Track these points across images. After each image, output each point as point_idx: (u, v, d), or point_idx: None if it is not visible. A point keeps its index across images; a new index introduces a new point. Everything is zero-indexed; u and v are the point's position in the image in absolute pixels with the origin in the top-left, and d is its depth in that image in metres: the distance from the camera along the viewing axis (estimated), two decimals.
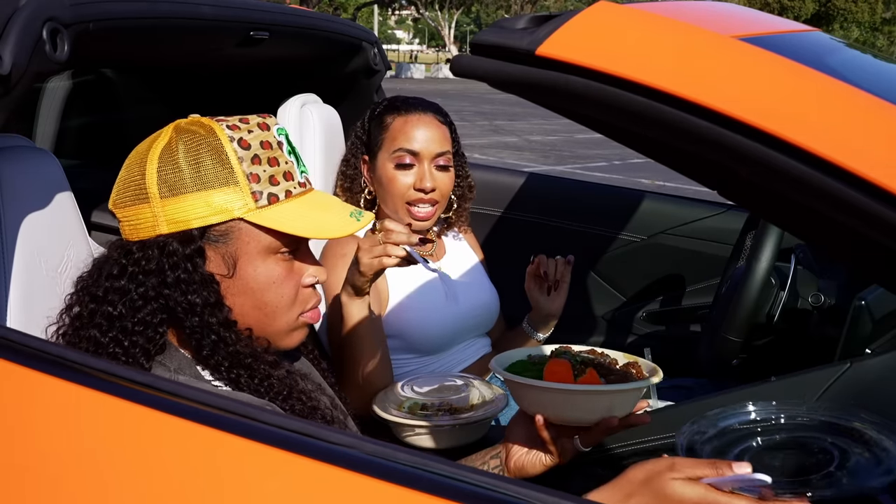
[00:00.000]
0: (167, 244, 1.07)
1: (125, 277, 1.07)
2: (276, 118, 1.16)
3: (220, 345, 1.08)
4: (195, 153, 1.07)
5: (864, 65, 1.13)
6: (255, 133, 1.10)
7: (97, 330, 1.07)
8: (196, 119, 1.12)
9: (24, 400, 0.95)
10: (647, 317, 2.45)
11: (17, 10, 1.13)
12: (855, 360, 1.40)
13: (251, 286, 1.12)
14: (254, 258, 1.11)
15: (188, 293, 1.07)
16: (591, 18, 0.87)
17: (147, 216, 1.08)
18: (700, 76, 0.82)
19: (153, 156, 1.08)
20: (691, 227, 2.39)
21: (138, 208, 1.08)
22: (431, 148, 1.84)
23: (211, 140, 1.08)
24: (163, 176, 1.07)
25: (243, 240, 1.10)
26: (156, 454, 0.90)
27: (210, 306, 1.08)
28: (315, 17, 2.05)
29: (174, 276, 1.06)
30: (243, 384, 1.10)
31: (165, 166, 1.07)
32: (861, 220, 0.75)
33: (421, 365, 1.86)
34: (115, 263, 1.09)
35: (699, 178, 0.99)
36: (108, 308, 1.07)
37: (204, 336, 1.08)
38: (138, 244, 1.08)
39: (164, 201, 1.07)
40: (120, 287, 1.07)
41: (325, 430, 0.89)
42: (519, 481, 0.83)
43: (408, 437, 1.54)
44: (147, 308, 1.07)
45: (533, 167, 10.06)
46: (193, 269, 1.07)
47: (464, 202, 2.01)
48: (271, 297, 1.13)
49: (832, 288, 1.86)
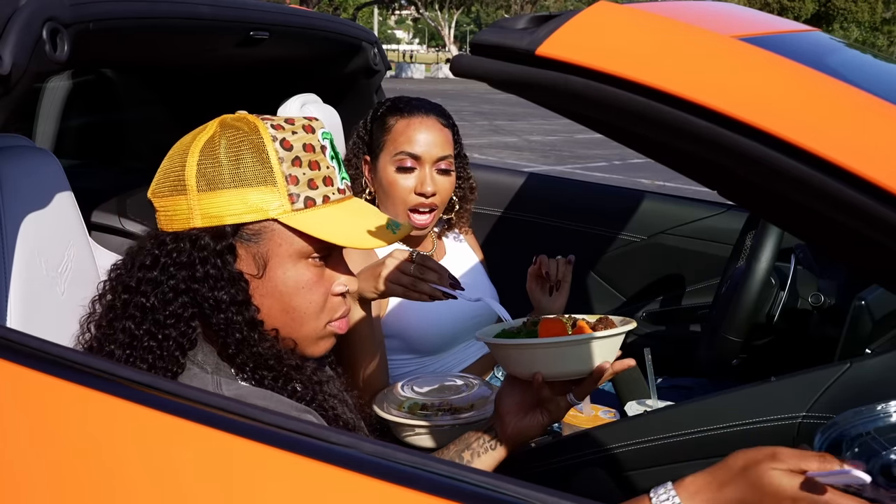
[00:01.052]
0: (199, 238, 1.07)
1: (157, 268, 1.07)
2: (322, 122, 1.16)
3: (244, 344, 1.08)
4: (236, 149, 1.07)
5: (864, 65, 1.13)
6: (300, 135, 1.10)
7: (131, 321, 1.07)
8: (242, 115, 1.12)
9: (24, 400, 0.95)
10: (647, 317, 2.45)
11: (17, 10, 1.13)
12: (855, 360, 1.40)
13: (280, 289, 1.10)
14: (284, 261, 1.10)
15: (216, 289, 1.07)
16: (591, 18, 0.87)
17: (183, 208, 1.08)
18: (700, 76, 0.82)
19: (195, 148, 1.08)
20: (691, 227, 2.39)
21: (175, 199, 1.08)
22: (433, 152, 1.83)
23: (253, 138, 1.08)
24: (202, 169, 1.07)
25: (275, 241, 1.09)
26: (156, 454, 0.90)
27: (237, 304, 1.07)
28: (315, 17, 2.05)
29: (203, 271, 1.07)
30: (266, 387, 1.10)
31: (206, 160, 1.07)
32: (861, 221, 0.75)
33: (421, 365, 1.86)
34: (147, 254, 1.09)
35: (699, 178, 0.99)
36: (142, 299, 1.07)
37: (229, 334, 1.08)
38: (172, 235, 1.08)
39: (200, 195, 1.07)
40: (152, 278, 1.07)
41: (325, 430, 0.89)
42: (519, 481, 0.83)
43: (408, 437, 1.54)
44: (178, 301, 1.07)
45: (533, 167, 10.06)
46: (223, 265, 1.07)
47: (465, 203, 2.01)
48: (299, 303, 1.11)
49: (832, 288, 1.86)
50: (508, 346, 1.24)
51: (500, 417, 1.29)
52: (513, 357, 1.26)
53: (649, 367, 1.76)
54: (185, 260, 1.07)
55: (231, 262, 1.07)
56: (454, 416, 1.52)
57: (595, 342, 1.21)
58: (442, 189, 1.85)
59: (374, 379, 1.66)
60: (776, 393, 1.42)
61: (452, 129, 1.92)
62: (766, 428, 1.39)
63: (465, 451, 1.30)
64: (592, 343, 1.21)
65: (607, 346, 1.22)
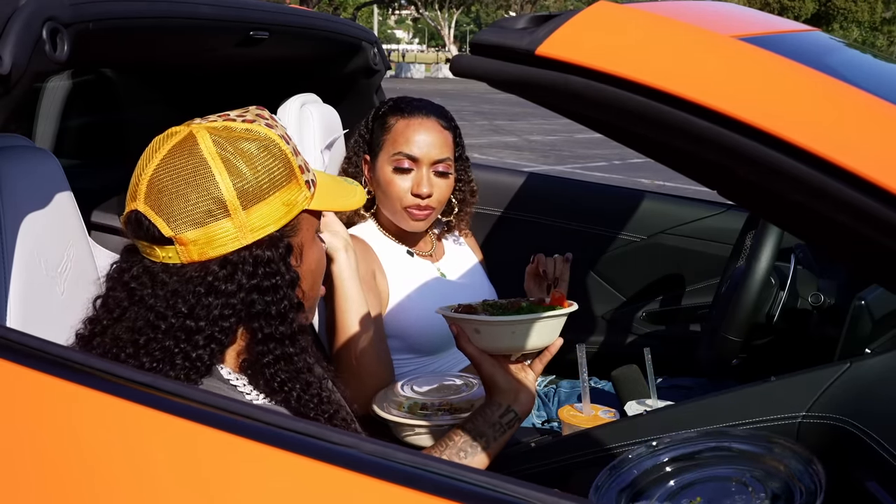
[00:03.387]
0: (259, 254, 1.06)
1: (213, 294, 1.05)
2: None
3: (287, 357, 1.10)
4: (262, 156, 1.07)
5: (864, 65, 1.13)
6: (280, 126, 1.13)
7: (171, 341, 1.05)
8: (222, 125, 1.09)
9: (24, 400, 0.95)
10: (647, 317, 2.45)
11: (17, 10, 1.13)
12: (855, 360, 1.40)
13: (312, 268, 1.16)
14: (310, 242, 1.15)
15: (284, 298, 1.08)
16: (591, 18, 0.87)
17: (228, 230, 1.04)
18: (700, 76, 0.82)
19: (218, 168, 1.04)
20: (691, 227, 2.39)
21: (216, 225, 1.04)
22: (431, 154, 1.83)
23: (265, 142, 1.08)
24: (237, 185, 1.04)
25: (304, 228, 1.13)
26: (155, 454, 0.90)
27: (296, 308, 1.10)
28: (315, 17, 2.05)
29: (271, 283, 1.07)
30: (293, 400, 1.11)
31: (235, 176, 1.04)
32: (861, 221, 0.75)
33: (420, 365, 1.86)
34: (195, 287, 1.04)
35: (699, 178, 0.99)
36: (189, 322, 1.05)
37: (277, 343, 1.09)
38: (218, 261, 1.05)
39: (247, 212, 1.05)
40: (207, 304, 1.05)
41: (325, 430, 0.89)
42: (519, 481, 0.83)
43: (408, 437, 1.54)
44: (230, 320, 1.06)
45: (533, 167, 10.06)
46: (287, 269, 1.09)
47: (465, 206, 2.00)
48: (319, 273, 1.20)
49: (832, 288, 1.86)
50: (502, 322, 1.33)
51: (516, 395, 1.36)
52: (495, 334, 1.34)
53: (649, 367, 1.76)
54: (246, 281, 1.06)
55: (291, 265, 1.10)
56: (454, 415, 1.52)
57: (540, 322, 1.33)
58: (438, 191, 1.85)
59: (379, 374, 1.67)
60: (776, 393, 1.42)
61: (453, 132, 1.91)
62: (765, 428, 1.39)
63: (488, 428, 1.35)
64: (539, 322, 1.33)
65: (560, 321, 1.36)
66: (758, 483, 1.17)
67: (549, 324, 1.34)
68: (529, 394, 1.38)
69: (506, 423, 1.35)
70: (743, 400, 1.44)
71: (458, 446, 1.33)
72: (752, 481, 1.18)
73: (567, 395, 2.09)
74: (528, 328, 1.33)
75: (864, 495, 1.25)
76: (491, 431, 1.34)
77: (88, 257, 1.37)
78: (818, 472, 1.12)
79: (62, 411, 0.94)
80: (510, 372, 1.37)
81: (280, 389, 1.10)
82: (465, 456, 1.32)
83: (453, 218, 1.99)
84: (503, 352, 1.36)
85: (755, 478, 1.18)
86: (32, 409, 0.95)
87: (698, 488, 1.21)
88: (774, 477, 1.17)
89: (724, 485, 1.19)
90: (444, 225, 2.03)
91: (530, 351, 1.38)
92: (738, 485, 1.18)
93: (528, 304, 1.41)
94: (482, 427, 1.34)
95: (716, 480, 1.21)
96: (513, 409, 1.36)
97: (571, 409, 1.67)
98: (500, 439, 1.35)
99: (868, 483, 1.26)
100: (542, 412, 2.07)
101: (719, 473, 1.22)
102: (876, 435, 1.26)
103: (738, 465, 1.22)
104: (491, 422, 1.35)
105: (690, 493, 1.21)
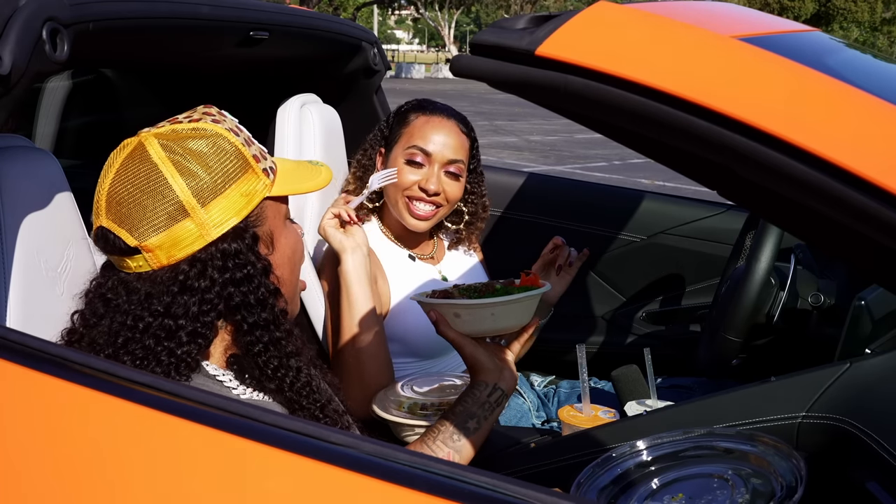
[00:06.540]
0: (226, 248, 1.07)
1: (187, 293, 1.06)
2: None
3: (275, 341, 1.11)
4: (211, 152, 1.08)
5: (864, 65, 1.12)
6: (228, 120, 1.13)
7: (153, 340, 1.06)
8: (170, 129, 1.10)
9: (24, 400, 0.95)
10: (647, 317, 2.45)
11: (17, 10, 1.13)
12: (855, 360, 1.40)
13: (287, 254, 1.17)
14: (281, 228, 1.16)
15: (261, 286, 1.09)
16: (591, 18, 0.87)
17: (191, 229, 1.06)
18: (700, 76, 0.82)
19: (170, 171, 1.05)
20: (691, 227, 2.39)
21: (178, 227, 1.05)
22: (445, 153, 1.83)
23: (215, 139, 1.09)
24: (191, 185, 1.06)
25: (270, 215, 1.14)
26: (155, 454, 0.90)
27: (274, 295, 1.11)
28: (315, 17, 2.04)
29: (243, 274, 1.08)
30: (286, 387, 1.12)
31: (188, 176, 1.06)
32: (861, 220, 0.75)
33: (420, 369, 1.86)
34: (167, 287, 1.06)
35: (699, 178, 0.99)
36: (169, 322, 1.06)
37: (265, 330, 1.10)
38: (187, 260, 1.06)
39: (206, 208, 1.06)
40: (183, 302, 1.06)
41: (325, 430, 0.89)
42: (519, 481, 0.83)
43: (408, 437, 1.54)
44: (211, 315, 1.08)
45: (533, 167, 10.06)
46: (257, 258, 1.10)
47: (476, 220, 1.99)
48: (297, 258, 1.20)
49: (832, 288, 1.86)
50: (484, 304, 1.33)
51: (501, 373, 1.38)
52: (476, 316, 1.34)
53: (649, 367, 1.76)
54: (218, 276, 1.07)
55: (261, 253, 1.11)
56: None
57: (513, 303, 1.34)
58: (447, 191, 1.84)
59: (379, 377, 1.67)
60: (776, 393, 1.42)
61: (471, 141, 1.91)
62: (765, 428, 1.39)
63: (478, 408, 1.37)
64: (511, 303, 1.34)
65: (535, 300, 1.38)
66: (739, 479, 1.18)
67: (525, 304, 1.35)
68: (512, 371, 1.40)
69: (494, 401, 1.37)
70: (743, 400, 1.44)
71: (451, 429, 1.34)
72: (733, 477, 1.18)
73: (567, 395, 2.09)
74: (507, 310, 1.34)
75: (864, 495, 1.25)
76: (481, 411, 1.36)
77: (88, 257, 1.36)
78: (800, 466, 1.12)
79: (62, 411, 0.94)
80: (493, 351, 1.39)
81: (274, 376, 1.11)
82: (458, 438, 1.34)
83: (463, 228, 1.98)
84: (484, 334, 1.37)
85: (737, 474, 1.19)
86: (32, 409, 0.95)
87: (680, 485, 1.22)
88: (756, 473, 1.18)
89: (705, 481, 1.20)
90: (453, 235, 2.02)
91: (509, 332, 1.39)
92: (719, 481, 1.19)
93: (502, 286, 1.41)
94: (472, 408, 1.36)
95: (698, 477, 1.22)
96: (499, 386, 1.38)
97: (571, 410, 1.67)
98: (490, 418, 1.38)
99: (868, 483, 1.26)
100: (542, 412, 2.07)
101: (701, 471, 1.23)
102: (876, 435, 1.26)
103: (721, 463, 1.23)
104: (480, 401, 1.37)
105: (672, 489, 1.21)
